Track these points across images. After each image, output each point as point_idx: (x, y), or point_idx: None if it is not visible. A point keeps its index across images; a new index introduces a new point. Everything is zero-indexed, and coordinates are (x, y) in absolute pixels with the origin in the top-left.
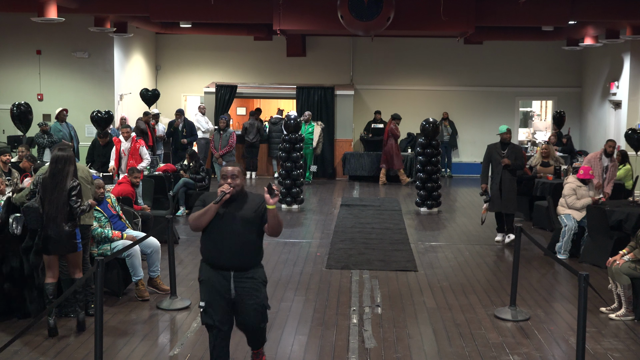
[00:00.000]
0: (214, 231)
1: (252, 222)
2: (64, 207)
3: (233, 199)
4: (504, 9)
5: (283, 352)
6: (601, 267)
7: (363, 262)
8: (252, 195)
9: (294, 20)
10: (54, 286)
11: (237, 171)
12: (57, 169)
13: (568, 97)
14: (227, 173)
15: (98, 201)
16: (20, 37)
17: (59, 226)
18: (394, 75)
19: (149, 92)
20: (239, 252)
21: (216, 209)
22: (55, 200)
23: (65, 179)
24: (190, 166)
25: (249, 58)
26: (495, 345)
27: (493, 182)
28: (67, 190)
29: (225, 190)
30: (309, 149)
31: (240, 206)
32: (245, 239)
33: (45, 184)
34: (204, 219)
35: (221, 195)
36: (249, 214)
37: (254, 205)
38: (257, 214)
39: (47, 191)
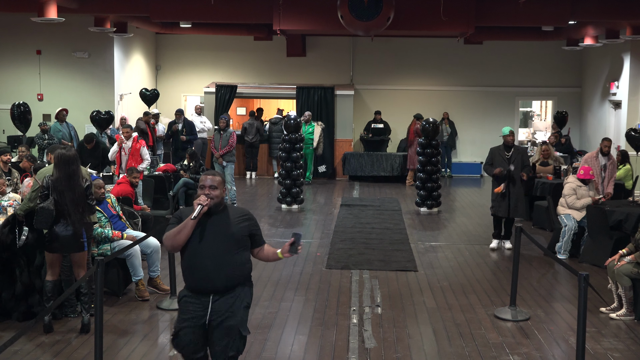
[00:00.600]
0: (192, 251)
1: (236, 240)
2: (85, 208)
3: (212, 213)
4: (504, 9)
5: (283, 352)
6: (601, 267)
7: (363, 262)
8: (233, 209)
9: (294, 20)
10: (53, 284)
11: (217, 181)
12: (72, 170)
13: (568, 97)
14: (204, 183)
15: (99, 201)
16: (20, 37)
17: (77, 226)
18: (394, 75)
19: (148, 92)
20: (222, 274)
21: (193, 225)
22: (79, 201)
23: (80, 179)
24: (190, 166)
25: (249, 58)
26: (495, 345)
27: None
28: (84, 190)
29: (202, 202)
30: (309, 149)
31: (222, 222)
32: (229, 259)
33: (62, 186)
34: (180, 238)
35: (199, 209)
36: (232, 230)
37: (237, 220)
38: (242, 231)
39: (65, 193)
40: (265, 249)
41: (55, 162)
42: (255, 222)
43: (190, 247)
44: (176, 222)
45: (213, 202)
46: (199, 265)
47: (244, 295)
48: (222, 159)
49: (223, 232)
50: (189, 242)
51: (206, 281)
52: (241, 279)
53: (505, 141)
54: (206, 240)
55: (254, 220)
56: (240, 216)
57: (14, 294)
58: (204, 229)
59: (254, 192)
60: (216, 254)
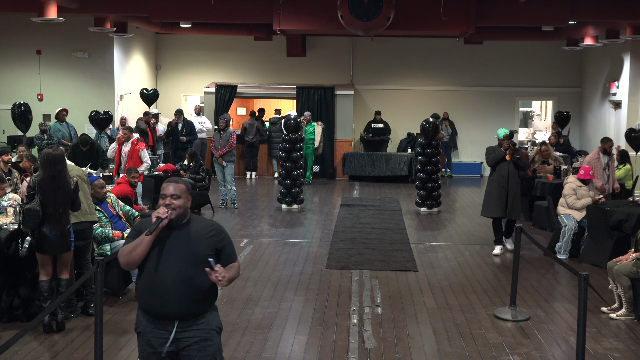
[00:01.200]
0: (151, 270)
1: (200, 258)
2: (68, 207)
3: (173, 226)
4: (504, 9)
5: (283, 352)
6: (601, 267)
7: (363, 262)
8: (198, 222)
9: (294, 20)
10: (48, 283)
11: (180, 190)
12: (58, 169)
13: (568, 97)
14: (166, 191)
15: (99, 201)
16: (20, 37)
17: (63, 226)
18: (394, 75)
19: (148, 92)
20: (185, 297)
21: (150, 241)
22: (61, 201)
23: (67, 179)
24: (190, 166)
25: (249, 58)
26: (495, 345)
27: (495, 185)
28: (72, 189)
29: (160, 215)
30: (309, 149)
31: (184, 237)
32: (193, 281)
33: (46, 186)
34: (135, 255)
35: (156, 222)
36: (195, 247)
37: (202, 234)
38: (206, 247)
39: (49, 193)
40: (229, 269)
41: (40, 162)
42: (223, 236)
43: (147, 266)
44: (134, 235)
45: (175, 213)
46: (158, 287)
47: (213, 319)
48: (222, 159)
49: (185, 250)
50: (147, 261)
51: (166, 306)
52: (207, 304)
53: (500, 145)
54: (166, 258)
55: (222, 234)
56: (207, 230)
57: (19, 299)
58: (163, 246)
59: (254, 192)
60: (178, 275)
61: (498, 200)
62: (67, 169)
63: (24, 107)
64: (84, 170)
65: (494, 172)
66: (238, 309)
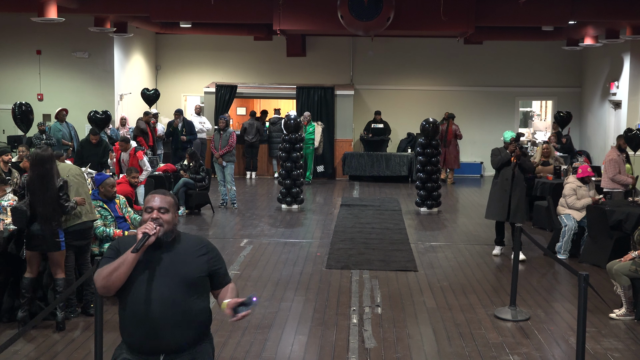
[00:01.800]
0: (135, 296)
1: (191, 282)
2: (57, 207)
3: (160, 244)
4: (504, 9)
5: (283, 352)
6: (601, 267)
7: (363, 262)
8: (189, 239)
9: (294, 20)
10: (29, 281)
11: (168, 202)
12: (45, 169)
13: (568, 97)
14: (152, 204)
15: (109, 199)
16: (20, 37)
17: (50, 225)
18: (394, 75)
19: (150, 92)
20: (176, 326)
21: (134, 261)
22: (49, 201)
23: (54, 179)
24: (190, 166)
25: (249, 58)
26: (495, 345)
27: (498, 188)
28: (57, 189)
29: (148, 231)
30: (309, 149)
31: (174, 256)
32: (184, 307)
33: (34, 186)
34: (116, 278)
35: (142, 238)
36: (186, 268)
37: (194, 253)
38: (198, 269)
39: (38, 192)
40: (230, 291)
41: (30, 162)
42: (216, 255)
43: (130, 290)
44: (113, 255)
45: (163, 230)
46: (143, 315)
47: (205, 353)
48: (222, 159)
49: (175, 271)
50: (129, 284)
51: (152, 338)
52: (199, 333)
53: (506, 147)
54: (152, 281)
55: (214, 252)
56: (197, 249)
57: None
58: (148, 267)
59: (254, 192)
60: (166, 300)
61: (500, 204)
62: (55, 169)
63: (25, 106)
64: (83, 170)
65: (498, 175)
66: None
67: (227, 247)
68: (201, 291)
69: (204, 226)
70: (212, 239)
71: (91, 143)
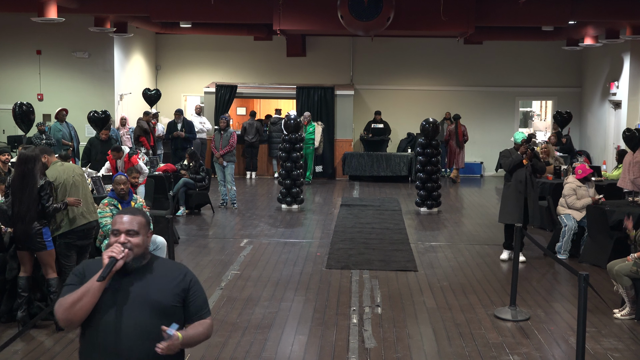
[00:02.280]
0: (101, 328)
1: (164, 311)
2: (33, 205)
3: (129, 270)
4: (504, 9)
5: (283, 352)
6: (601, 267)
7: (363, 262)
8: (165, 265)
9: (294, 20)
10: (24, 280)
11: (139, 223)
12: (28, 168)
13: (568, 97)
14: (119, 226)
15: (121, 197)
16: (20, 37)
17: (27, 225)
18: (394, 75)
19: (151, 92)
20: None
21: (100, 289)
22: (26, 200)
23: (35, 178)
24: (190, 166)
25: (249, 58)
26: (495, 345)
27: (512, 191)
28: (37, 189)
29: (115, 255)
30: (309, 149)
31: (146, 283)
32: (156, 338)
33: (15, 185)
34: (80, 308)
35: (109, 263)
36: (159, 296)
37: (169, 280)
38: (173, 297)
39: (17, 191)
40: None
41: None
42: (194, 284)
43: (95, 320)
44: (76, 282)
45: (132, 254)
46: (110, 346)
47: None
48: (223, 159)
49: (146, 300)
50: (95, 313)
51: None
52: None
53: (516, 147)
54: (120, 310)
55: (193, 282)
56: (175, 276)
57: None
58: (116, 294)
59: (254, 192)
60: (138, 333)
61: (516, 207)
62: (37, 169)
63: (25, 106)
64: (84, 170)
65: (510, 178)
66: (238, 309)
67: (227, 247)
68: (173, 321)
69: (204, 226)
70: (212, 239)
71: (101, 140)
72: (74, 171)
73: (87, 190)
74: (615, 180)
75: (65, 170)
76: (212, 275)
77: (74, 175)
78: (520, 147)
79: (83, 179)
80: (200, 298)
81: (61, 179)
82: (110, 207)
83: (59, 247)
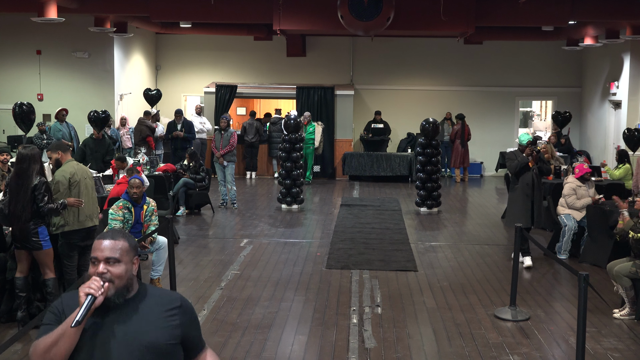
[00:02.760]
0: None
1: (162, 350)
2: (28, 205)
3: (111, 306)
4: (504, 9)
5: (283, 352)
6: (601, 267)
7: (363, 262)
8: (155, 294)
9: (294, 20)
10: (21, 280)
11: (120, 250)
12: (22, 168)
13: (568, 97)
14: (98, 253)
15: (136, 202)
16: (20, 37)
17: (23, 224)
18: (394, 75)
19: (152, 92)
20: None
21: (78, 332)
22: (22, 200)
23: (30, 178)
24: (190, 166)
25: (249, 58)
26: (495, 345)
27: (519, 194)
28: (31, 189)
29: (92, 292)
30: (309, 149)
31: (135, 319)
32: None
33: (11, 184)
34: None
35: (86, 304)
36: (155, 333)
37: (164, 314)
38: (171, 334)
39: (13, 190)
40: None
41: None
42: (190, 315)
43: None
44: (54, 321)
45: (113, 287)
46: None
47: None
48: (223, 159)
49: (136, 338)
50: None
51: None
52: None
53: (520, 149)
54: (107, 352)
55: (189, 312)
56: (168, 308)
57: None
58: (100, 333)
59: (254, 192)
60: None
61: (524, 210)
62: (36, 169)
63: (26, 106)
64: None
65: (517, 180)
66: (238, 309)
67: (227, 247)
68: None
69: (204, 226)
70: (212, 239)
71: (94, 140)
72: (87, 172)
73: (94, 193)
74: (616, 180)
75: (82, 169)
76: (212, 275)
77: (86, 178)
78: (526, 148)
79: (93, 182)
80: (198, 330)
81: (78, 177)
82: (124, 210)
83: (61, 247)
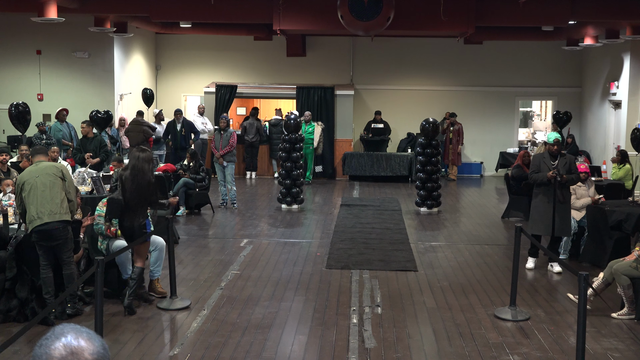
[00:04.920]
0: None
1: None
2: (146, 201)
3: None
4: (504, 9)
5: (283, 352)
6: (601, 267)
7: (363, 262)
8: None
9: (294, 20)
10: (138, 270)
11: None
12: (139, 167)
13: (568, 97)
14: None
15: None
16: (20, 37)
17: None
18: (394, 75)
19: (147, 92)
20: None
21: None
22: (143, 195)
23: (149, 175)
24: (190, 166)
25: (249, 58)
26: (495, 345)
27: (539, 200)
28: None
29: None
30: (309, 148)
31: None
32: None
33: (125, 181)
34: None
35: None
36: None
37: None
38: None
39: (128, 186)
40: None
41: (129, 159)
42: None
43: None
44: None
45: None
46: None
47: None
48: (223, 159)
49: None
50: None
51: None
52: None
53: (549, 150)
54: None
55: None
56: None
57: (17, 300)
58: None
59: (254, 192)
60: None
61: (543, 217)
62: (152, 168)
63: (21, 107)
64: (82, 170)
65: (540, 185)
66: (238, 309)
67: (227, 247)
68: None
69: (204, 226)
70: (212, 239)
71: (86, 138)
72: (43, 171)
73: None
74: (617, 181)
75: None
76: (212, 275)
77: (38, 176)
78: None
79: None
80: None
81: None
82: None
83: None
